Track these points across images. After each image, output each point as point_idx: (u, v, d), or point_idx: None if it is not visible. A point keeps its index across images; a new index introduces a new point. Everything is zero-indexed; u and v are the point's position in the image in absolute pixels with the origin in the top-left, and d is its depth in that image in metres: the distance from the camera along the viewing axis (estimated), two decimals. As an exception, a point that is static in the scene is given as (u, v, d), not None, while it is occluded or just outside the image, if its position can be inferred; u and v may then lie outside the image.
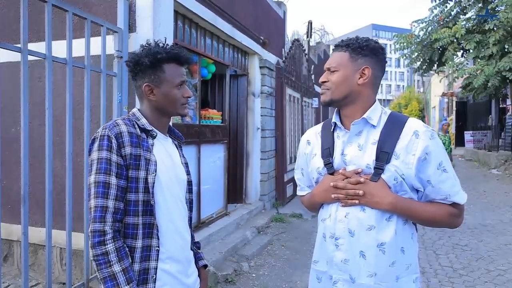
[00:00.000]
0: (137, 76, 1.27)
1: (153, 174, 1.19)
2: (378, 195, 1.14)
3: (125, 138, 1.18)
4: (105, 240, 1.11)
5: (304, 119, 8.20)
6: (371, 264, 1.15)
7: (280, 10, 6.80)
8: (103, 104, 2.58)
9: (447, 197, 1.16)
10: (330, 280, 1.22)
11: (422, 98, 34.96)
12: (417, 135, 1.16)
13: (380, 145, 1.17)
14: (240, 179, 5.56)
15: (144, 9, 2.89)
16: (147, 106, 1.29)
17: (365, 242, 1.16)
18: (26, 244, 2.04)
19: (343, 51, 1.23)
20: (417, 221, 1.22)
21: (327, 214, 1.26)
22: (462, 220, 1.23)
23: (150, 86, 1.25)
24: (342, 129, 1.25)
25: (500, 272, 3.60)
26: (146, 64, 1.23)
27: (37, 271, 3.26)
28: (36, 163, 3.10)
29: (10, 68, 3.29)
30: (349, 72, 1.21)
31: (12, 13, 3.25)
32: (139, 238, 1.18)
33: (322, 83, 1.25)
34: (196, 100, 4.19)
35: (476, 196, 7.19)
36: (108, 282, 1.10)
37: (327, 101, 1.25)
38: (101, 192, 1.13)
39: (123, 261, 1.12)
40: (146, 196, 1.19)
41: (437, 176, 1.15)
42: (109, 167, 1.14)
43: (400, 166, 1.14)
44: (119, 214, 1.15)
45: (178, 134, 1.43)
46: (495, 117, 14.04)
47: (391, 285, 1.16)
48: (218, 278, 3.32)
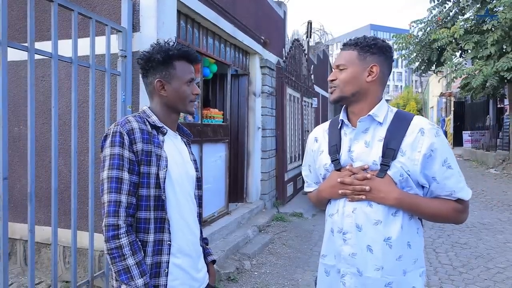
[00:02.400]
0: (148, 72, 1.29)
1: (164, 169, 1.22)
2: (384, 191, 1.16)
3: (136, 135, 1.20)
4: (119, 234, 1.12)
5: (304, 118, 8.22)
6: (378, 258, 1.18)
7: (280, 10, 6.82)
8: (107, 103, 2.60)
9: (452, 193, 1.18)
10: (338, 274, 1.25)
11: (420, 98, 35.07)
12: (423, 132, 1.18)
13: (387, 142, 1.19)
14: (241, 178, 5.58)
15: (148, 8, 2.90)
16: (158, 102, 1.31)
17: (372, 236, 1.18)
18: (33, 242, 2.05)
19: (352, 50, 1.25)
20: (422, 216, 1.24)
21: (335, 209, 1.28)
22: (467, 216, 1.24)
23: (162, 82, 1.28)
24: (349, 126, 1.28)
25: (499, 269, 3.64)
26: (158, 60, 1.26)
27: (40, 269, 3.27)
28: (39, 162, 3.12)
29: (13, 68, 3.30)
30: (357, 70, 1.23)
31: (15, 12, 3.26)
32: (151, 232, 1.20)
33: (331, 81, 1.27)
34: (198, 99, 4.21)
35: (475, 195, 7.23)
36: (123, 275, 1.12)
37: (336, 98, 1.27)
38: (114, 187, 1.15)
39: (136, 255, 1.14)
40: (158, 191, 1.21)
41: (442, 172, 1.17)
42: (121, 162, 1.16)
43: (406, 162, 1.17)
44: (131, 209, 1.17)
45: (187, 132, 1.45)
46: (493, 117, 14.12)
47: (399, 279, 1.18)
48: (221, 276, 3.34)
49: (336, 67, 1.27)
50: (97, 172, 2.72)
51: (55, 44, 2.16)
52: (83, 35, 2.73)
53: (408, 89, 41.97)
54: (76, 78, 2.31)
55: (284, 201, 6.35)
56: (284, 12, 7.07)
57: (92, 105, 2.46)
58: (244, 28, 4.96)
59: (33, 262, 2.08)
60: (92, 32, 2.43)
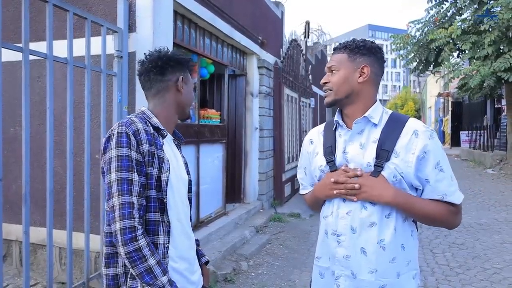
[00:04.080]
0: (166, 70, 1.30)
1: (167, 172, 1.20)
2: (379, 188, 1.17)
3: (142, 136, 1.18)
4: (136, 236, 1.10)
5: (302, 119, 8.22)
6: (372, 260, 1.18)
7: (278, 11, 6.82)
8: (103, 104, 2.59)
9: (443, 196, 1.18)
10: (333, 276, 1.25)
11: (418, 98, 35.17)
12: (417, 134, 1.19)
13: (381, 144, 1.19)
14: (238, 179, 5.57)
15: (144, 9, 2.89)
16: (166, 103, 1.32)
17: (366, 239, 1.18)
18: (27, 243, 2.04)
19: (342, 52, 1.27)
20: (416, 217, 1.23)
21: (329, 211, 1.28)
22: (459, 221, 1.25)
23: (184, 79, 1.33)
24: (344, 128, 1.28)
25: (495, 270, 3.64)
26: (182, 61, 1.32)
27: (36, 270, 3.25)
28: (35, 163, 3.10)
29: (10, 68, 3.28)
30: (348, 71, 1.24)
31: (11, 12, 3.25)
32: (161, 234, 1.20)
33: (324, 84, 1.29)
34: (195, 100, 4.20)
35: (472, 196, 7.25)
36: (146, 277, 1.11)
37: (331, 101, 1.28)
38: (126, 189, 1.12)
39: (155, 254, 1.14)
40: (159, 194, 1.20)
41: (434, 175, 1.17)
42: (130, 164, 1.14)
43: (400, 164, 1.17)
44: (142, 211, 1.15)
45: (179, 135, 1.45)
46: (490, 117, 14.15)
47: (392, 281, 1.18)
48: (218, 277, 3.34)
49: (328, 69, 1.29)
50: (93, 173, 2.71)
51: (50, 45, 2.15)
52: (79, 36, 2.72)
53: (406, 89, 42.08)
54: (72, 78, 2.30)
55: (282, 201, 6.35)
56: (282, 12, 7.07)
57: (88, 105, 2.46)
58: (241, 28, 4.96)
59: (27, 264, 2.07)
60: (87, 33, 2.42)
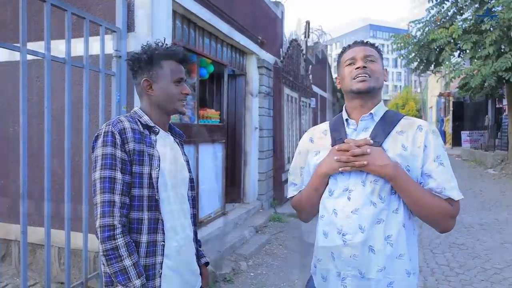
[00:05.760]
0: (136, 73, 1.30)
1: (156, 169, 1.21)
2: (381, 158, 1.17)
3: (128, 134, 1.19)
4: (115, 234, 1.11)
5: (302, 119, 8.21)
6: (380, 257, 1.16)
7: (277, 10, 6.81)
8: (101, 104, 2.59)
9: (442, 190, 1.18)
10: (338, 277, 1.21)
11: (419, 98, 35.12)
12: (421, 128, 1.24)
13: (373, 136, 1.24)
14: (238, 179, 5.57)
15: (143, 9, 2.89)
16: (147, 103, 1.31)
17: (374, 236, 1.17)
18: (25, 243, 2.04)
19: (373, 48, 1.31)
20: (412, 202, 1.19)
21: (330, 210, 1.24)
22: (452, 225, 1.23)
23: (149, 81, 1.28)
24: (353, 124, 1.29)
25: (496, 270, 3.63)
26: (145, 60, 1.27)
27: (35, 270, 3.25)
28: (34, 163, 3.10)
29: (9, 68, 3.28)
30: (381, 67, 1.30)
31: (9, 12, 3.25)
32: (144, 233, 1.19)
33: (362, 68, 1.24)
34: (194, 99, 4.19)
35: (473, 196, 7.23)
36: (119, 276, 1.11)
37: (370, 87, 1.24)
38: (107, 187, 1.13)
39: (133, 256, 1.13)
40: (151, 191, 1.20)
41: (434, 167, 1.18)
42: (114, 162, 1.15)
43: (407, 157, 1.19)
44: (125, 209, 1.15)
45: (179, 132, 1.45)
46: (491, 117, 14.10)
47: (400, 278, 1.17)
48: (217, 277, 3.33)
49: (364, 57, 1.26)
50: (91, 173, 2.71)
51: (48, 45, 2.14)
52: (78, 35, 2.72)
53: (407, 89, 42.01)
54: (70, 78, 2.30)
55: (281, 201, 6.34)
56: (282, 12, 7.06)
57: (86, 105, 2.45)
58: (240, 28, 4.95)
59: (25, 263, 2.06)
60: (86, 32, 2.41)
